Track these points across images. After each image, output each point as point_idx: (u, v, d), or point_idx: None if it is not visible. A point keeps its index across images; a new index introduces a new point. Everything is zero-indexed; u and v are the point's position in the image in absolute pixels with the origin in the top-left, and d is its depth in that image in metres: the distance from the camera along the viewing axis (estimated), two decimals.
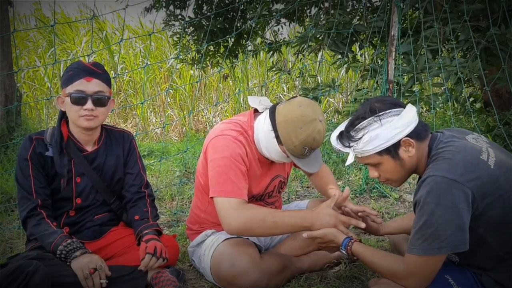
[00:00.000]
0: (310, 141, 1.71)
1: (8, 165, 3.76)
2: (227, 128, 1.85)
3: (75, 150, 1.90)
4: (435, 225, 1.32)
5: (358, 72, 3.95)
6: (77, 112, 1.82)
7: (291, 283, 1.92)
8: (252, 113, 1.93)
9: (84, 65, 1.84)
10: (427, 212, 1.33)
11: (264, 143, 1.83)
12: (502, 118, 3.61)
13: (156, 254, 1.77)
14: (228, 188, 1.74)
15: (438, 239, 1.32)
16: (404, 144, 1.44)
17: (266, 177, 1.97)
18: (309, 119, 1.70)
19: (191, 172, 3.84)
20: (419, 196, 1.36)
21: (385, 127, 1.43)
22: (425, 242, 1.34)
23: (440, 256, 1.36)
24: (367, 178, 3.47)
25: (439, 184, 1.32)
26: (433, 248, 1.33)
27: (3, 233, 2.60)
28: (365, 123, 1.45)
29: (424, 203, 1.34)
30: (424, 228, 1.34)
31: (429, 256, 1.35)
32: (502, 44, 3.13)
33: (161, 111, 6.82)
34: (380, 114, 1.43)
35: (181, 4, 5.02)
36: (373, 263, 1.53)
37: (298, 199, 3.23)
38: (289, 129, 1.72)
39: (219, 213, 1.75)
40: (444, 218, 1.31)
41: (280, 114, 1.76)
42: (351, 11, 4.27)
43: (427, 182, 1.35)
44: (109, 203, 1.99)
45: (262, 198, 2.01)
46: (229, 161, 1.76)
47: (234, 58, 5.30)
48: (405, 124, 1.43)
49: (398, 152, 1.45)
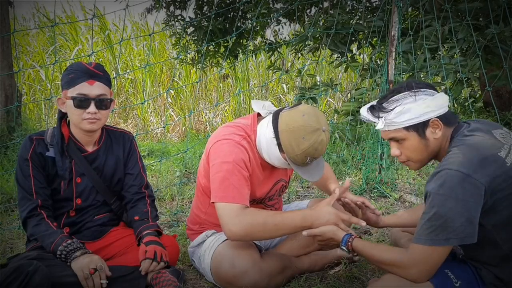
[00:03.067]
0: (312, 151, 1.70)
1: (8, 165, 3.76)
2: (230, 132, 1.83)
3: (76, 151, 1.90)
4: (445, 217, 1.32)
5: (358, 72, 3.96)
6: (80, 116, 1.81)
7: (291, 283, 1.92)
8: (256, 116, 1.91)
9: (86, 67, 1.83)
10: (437, 204, 1.34)
11: (265, 149, 1.81)
12: (502, 118, 3.61)
13: (156, 259, 1.77)
14: (230, 193, 1.72)
15: (446, 230, 1.33)
16: (432, 125, 1.47)
17: (269, 182, 1.96)
18: (312, 129, 1.68)
19: (191, 172, 3.84)
20: (431, 188, 1.36)
21: (418, 104, 1.45)
22: (433, 232, 1.35)
23: (446, 247, 1.36)
24: (367, 178, 3.47)
25: (453, 178, 1.33)
26: (440, 239, 1.34)
27: (3, 233, 2.60)
28: (399, 96, 1.48)
29: (436, 195, 1.34)
30: (433, 219, 1.34)
31: (435, 246, 1.35)
32: (501, 42, 3.13)
33: (162, 111, 6.82)
34: (416, 91, 1.47)
35: (181, 4, 5.03)
36: (374, 256, 1.53)
37: (298, 199, 3.23)
38: (291, 138, 1.70)
39: (220, 219, 1.74)
40: (454, 211, 1.31)
41: (283, 122, 1.73)
42: (350, 10, 4.27)
43: (441, 175, 1.36)
44: (109, 203, 1.99)
45: (263, 201, 2.00)
46: (232, 166, 1.74)
47: (234, 58, 5.30)
48: (438, 105, 1.46)
49: (425, 131, 1.48)
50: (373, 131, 3.65)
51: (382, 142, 3.48)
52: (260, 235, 1.72)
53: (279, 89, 7.36)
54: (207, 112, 6.79)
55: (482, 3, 3.21)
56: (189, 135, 5.66)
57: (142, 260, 1.78)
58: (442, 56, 3.25)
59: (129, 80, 7.10)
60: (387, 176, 3.46)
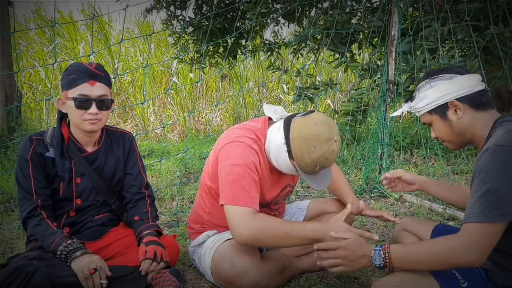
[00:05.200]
0: (322, 160, 1.69)
1: (8, 165, 3.76)
2: (241, 135, 1.81)
3: (75, 151, 1.90)
4: (499, 191, 1.29)
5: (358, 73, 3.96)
6: (81, 116, 1.81)
7: (291, 283, 1.92)
8: (266, 120, 1.89)
9: (87, 67, 1.82)
10: (491, 179, 1.30)
11: (274, 154, 1.80)
12: None
13: (156, 259, 1.77)
14: (240, 196, 1.71)
15: (501, 205, 1.28)
16: (451, 106, 1.52)
17: (277, 186, 1.95)
18: (324, 139, 1.67)
19: (191, 172, 3.84)
20: (483, 165, 1.33)
21: (434, 89, 1.55)
22: (487, 209, 1.30)
23: (502, 224, 1.30)
24: (367, 178, 3.47)
25: (504, 152, 1.32)
26: (495, 215, 1.28)
27: (3, 233, 2.60)
28: (420, 85, 1.61)
29: (489, 170, 1.31)
30: (487, 195, 1.30)
31: (490, 223, 1.29)
32: (501, 43, 3.13)
33: (161, 112, 6.83)
34: (432, 78, 1.57)
35: (181, 4, 5.03)
36: (425, 255, 1.36)
37: (299, 199, 3.24)
38: (303, 146, 1.69)
39: (229, 222, 1.71)
40: (509, 185, 1.28)
41: (295, 129, 1.72)
42: (350, 11, 4.28)
43: (491, 151, 1.34)
44: (109, 203, 1.99)
45: (268, 206, 2.00)
46: (243, 169, 1.73)
47: (233, 58, 5.31)
48: (456, 88, 1.51)
49: (446, 113, 1.54)
50: (373, 131, 3.65)
51: (382, 142, 3.48)
52: (269, 241, 1.69)
53: (279, 89, 7.36)
54: (207, 112, 6.79)
55: (481, 3, 3.22)
56: (189, 135, 5.66)
57: (142, 260, 1.78)
58: (442, 56, 3.25)
59: (128, 80, 7.11)
60: None
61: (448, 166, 3.91)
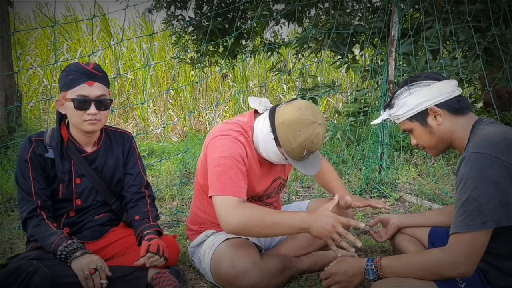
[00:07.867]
0: (308, 144, 1.72)
1: (8, 166, 3.76)
2: (228, 128, 1.85)
3: (75, 151, 1.89)
4: (478, 200, 1.31)
5: (358, 73, 3.96)
6: (81, 117, 1.81)
7: (291, 283, 1.92)
8: (252, 114, 1.94)
9: (84, 68, 1.82)
10: (470, 188, 1.32)
11: (262, 144, 1.83)
12: (502, 118, 3.61)
13: (159, 253, 1.78)
14: (228, 187, 1.73)
15: (481, 214, 1.30)
16: (431, 112, 1.53)
17: (267, 179, 1.97)
18: (308, 122, 1.70)
19: (191, 172, 3.84)
20: (462, 174, 1.36)
21: (413, 96, 1.55)
22: (468, 218, 1.32)
23: (485, 231, 1.32)
24: (367, 178, 3.47)
25: (481, 160, 1.33)
26: (476, 223, 1.31)
27: (3, 234, 2.60)
28: (398, 92, 1.62)
29: (467, 179, 1.33)
30: (466, 204, 1.33)
31: (474, 232, 1.32)
32: (502, 44, 3.13)
33: (162, 111, 6.83)
34: (411, 84, 1.57)
35: (181, 4, 5.03)
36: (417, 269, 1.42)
37: (298, 199, 3.23)
38: (288, 131, 1.72)
39: (217, 212, 1.74)
40: (487, 193, 1.30)
41: (280, 116, 1.76)
42: (351, 11, 4.27)
43: (469, 159, 1.35)
44: (109, 203, 1.99)
45: (261, 199, 2.01)
46: (230, 161, 1.76)
47: (233, 58, 5.31)
48: (434, 94, 1.52)
49: (426, 119, 1.55)
50: (373, 131, 3.65)
51: (382, 143, 3.48)
52: (257, 230, 1.70)
53: (279, 89, 7.36)
54: (208, 113, 6.79)
55: (483, 5, 3.22)
56: (189, 135, 5.66)
57: (142, 256, 1.77)
58: (443, 57, 3.25)
59: (130, 80, 7.11)
60: (387, 176, 3.46)
61: (448, 166, 3.90)
